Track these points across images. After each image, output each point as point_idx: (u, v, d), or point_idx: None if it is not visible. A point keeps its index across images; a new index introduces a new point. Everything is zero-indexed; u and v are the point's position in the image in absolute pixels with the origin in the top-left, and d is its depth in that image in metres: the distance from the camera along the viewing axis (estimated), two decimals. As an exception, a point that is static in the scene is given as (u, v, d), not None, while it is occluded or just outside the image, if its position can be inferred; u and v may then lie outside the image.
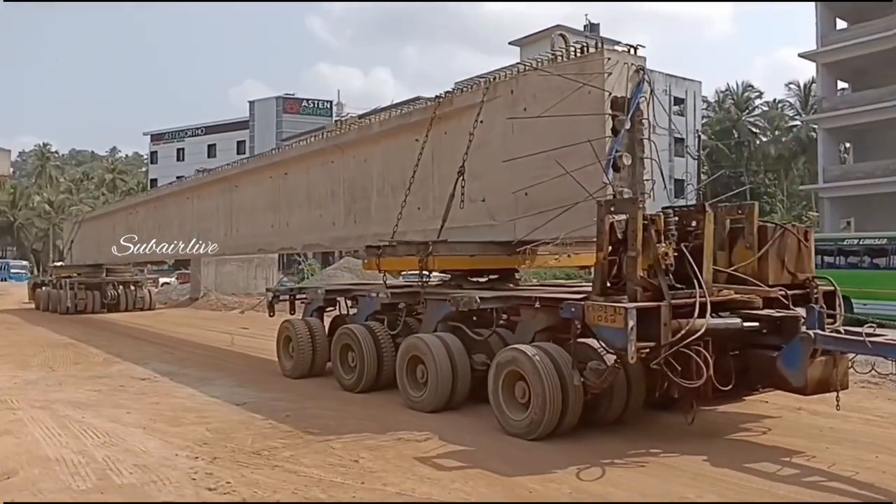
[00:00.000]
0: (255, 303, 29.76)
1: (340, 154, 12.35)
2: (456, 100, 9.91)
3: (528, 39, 54.20)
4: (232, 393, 10.03)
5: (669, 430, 7.53)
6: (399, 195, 10.88)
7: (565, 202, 8.04)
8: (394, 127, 11.08)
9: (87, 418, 8.48)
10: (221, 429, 7.84)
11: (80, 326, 21.63)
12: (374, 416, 8.32)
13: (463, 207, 9.24)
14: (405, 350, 8.78)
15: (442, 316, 8.92)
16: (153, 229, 20.63)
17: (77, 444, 7.27)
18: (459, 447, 7.03)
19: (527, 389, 7.20)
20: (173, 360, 13.84)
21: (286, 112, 75.88)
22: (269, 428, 7.87)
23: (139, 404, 9.38)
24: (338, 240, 12.65)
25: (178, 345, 16.78)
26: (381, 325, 9.81)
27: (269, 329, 19.86)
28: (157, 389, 10.56)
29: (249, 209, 15.37)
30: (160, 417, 8.49)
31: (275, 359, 13.68)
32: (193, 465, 6.48)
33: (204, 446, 7.11)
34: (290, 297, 12.51)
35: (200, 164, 52.22)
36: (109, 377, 11.75)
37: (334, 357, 10.13)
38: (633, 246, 6.71)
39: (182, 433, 7.67)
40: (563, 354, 7.18)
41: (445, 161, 10.07)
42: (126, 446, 7.17)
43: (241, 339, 17.01)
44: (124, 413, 8.79)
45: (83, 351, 15.47)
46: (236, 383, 10.96)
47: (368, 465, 6.42)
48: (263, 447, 7.02)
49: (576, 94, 8.06)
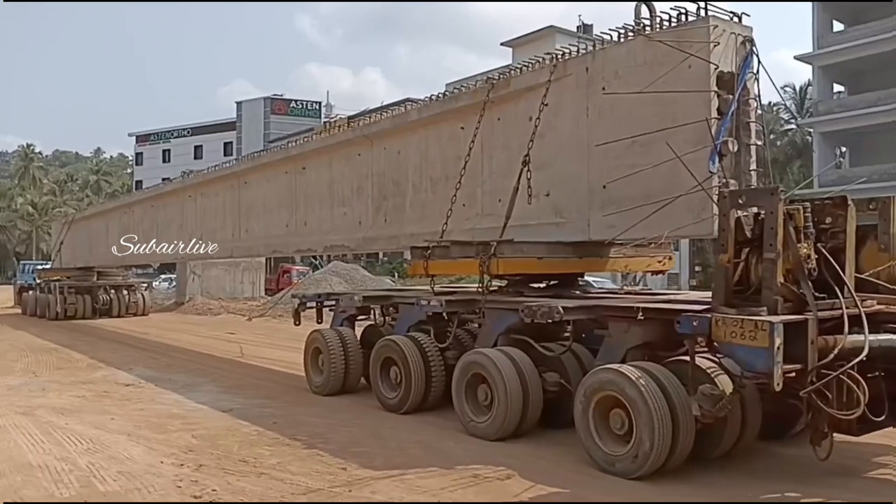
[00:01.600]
0: (253, 307, 28.54)
1: (369, 146, 10.97)
2: (514, 81, 8.58)
3: (520, 41, 52.75)
4: (218, 399, 9.67)
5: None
6: (441, 190, 9.59)
7: (654, 196, 6.77)
8: (436, 114, 9.71)
9: (71, 424, 8.18)
10: (207, 435, 7.53)
11: (64, 331, 20.72)
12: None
13: (531, 203, 7.89)
14: (464, 367, 7.43)
15: (504, 328, 7.61)
16: (150, 230, 19.04)
17: (60, 451, 7.01)
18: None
19: (626, 419, 5.89)
20: (158, 365, 13.35)
21: (274, 113, 73.94)
22: (255, 435, 7.56)
23: (123, 410, 9.04)
24: (366, 241, 11.23)
25: (164, 350, 16.17)
26: (428, 338, 8.46)
27: (257, 335, 19.69)
28: (141, 395, 10.18)
29: (261, 207, 13.90)
30: (145, 424, 8.17)
31: (264, 364, 13.38)
32: (178, 472, 6.24)
33: (189, 453, 6.84)
34: (317, 305, 11.07)
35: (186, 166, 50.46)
36: (93, 383, 11.32)
37: (374, 372, 8.76)
38: (772, 246, 5.41)
39: (167, 440, 7.40)
40: (670, 378, 5.87)
41: (498, 150, 8.78)
42: (110, 453, 6.91)
43: (227, 346, 16.44)
44: (108, 419, 8.47)
45: (67, 356, 14.87)
46: (222, 389, 10.56)
47: (356, 472, 6.11)
48: (250, 454, 6.76)
49: (672, 70, 6.77)
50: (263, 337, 18.82)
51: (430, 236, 9.13)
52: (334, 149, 11.85)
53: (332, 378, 9.53)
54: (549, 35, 49.27)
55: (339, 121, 23.77)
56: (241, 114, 76.42)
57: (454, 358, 8.19)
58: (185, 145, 79.63)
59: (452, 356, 8.24)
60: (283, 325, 22.34)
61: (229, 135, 76.29)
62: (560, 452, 6.62)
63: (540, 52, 10.55)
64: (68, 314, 25.07)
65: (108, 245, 22.14)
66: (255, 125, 74.04)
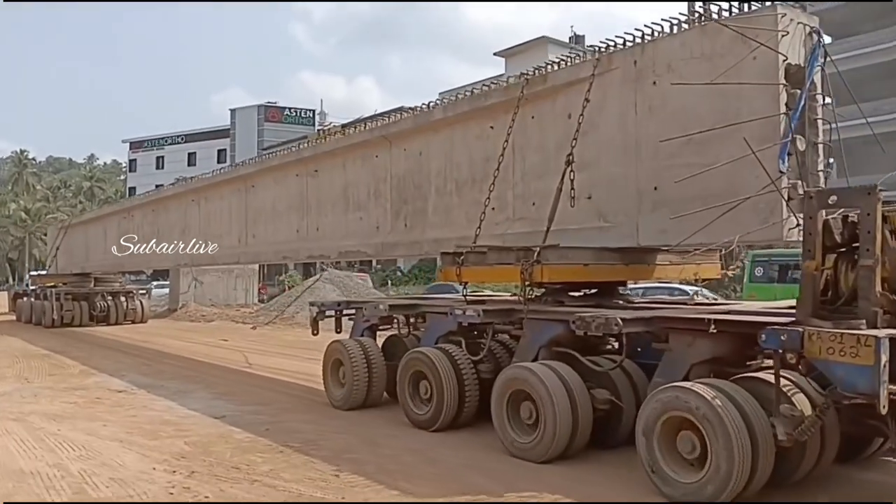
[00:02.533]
0: (246, 313, 27.79)
1: (387, 147, 10.26)
2: (551, 76, 7.89)
3: (512, 51, 52.25)
4: (210, 405, 9.49)
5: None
6: (467, 194, 8.93)
7: (713, 198, 6.09)
8: (463, 112, 8.99)
9: (63, 431, 8.05)
10: (200, 442, 7.38)
11: (56, 338, 20.22)
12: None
13: (573, 206, 7.18)
14: (506, 383, 6.72)
15: (546, 340, 6.91)
16: (151, 235, 18.13)
17: (52, 458, 6.89)
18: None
19: (697, 442, 5.22)
20: (151, 371, 13.09)
21: (268, 120, 72.88)
22: (248, 441, 7.41)
23: (116, 417, 8.88)
24: (385, 246, 10.46)
25: (156, 356, 15.78)
26: (460, 350, 7.77)
27: (250, 342, 19.13)
28: (134, 402, 9.98)
29: (270, 212, 13.11)
30: (137, 430, 8.03)
31: (259, 373, 13.06)
32: (171, 479, 6.12)
33: (182, 460, 6.71)
34: (336, 313, 10.29)
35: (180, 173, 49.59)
36: (86, 389, 11.14)
37: (402, 386, 8.04)
38: (870, 252, 4.76)
39: (159, 446, 7.24)
40: (746, 397, 5.20)
41: (532, 151, 8.11)
42: (102, 460, 6.78)
43: (220, 353, 16.20)
44: (101, 426, 8.33)
45: (59, 362, 14.55)
46: (215, 395, 10.37)
47: (349, 479, 6.00)
48: (242, 461, 6.62)
49: (735, 62, 6.12)
50: (256, 344, 18.48)
51: (457, 241, 8.46)
52: (349, 150, 11.12)
53: (354, 392, 8.81)
54: (541, 45, 48.89)
55: (333, 129, 23.06)
56: (234, 121, 75.39)
57: (488, 372, 7.57)
58: (179, 152, 78.50)
59: (486, 370, 7.60)
60: (277, 332, 22.10)
61: (223, 142, 75.24)
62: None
63: (532, 63, 10.05)
64: (65, 321, 23.92)
65: (107, 250, 21.18)
66: (248, 133, 73.04)
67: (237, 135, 74.08)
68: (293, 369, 12.96)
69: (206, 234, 15.33)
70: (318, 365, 13.62)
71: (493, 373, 7.54)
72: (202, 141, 77.56)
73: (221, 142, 75.46)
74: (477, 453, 6.77)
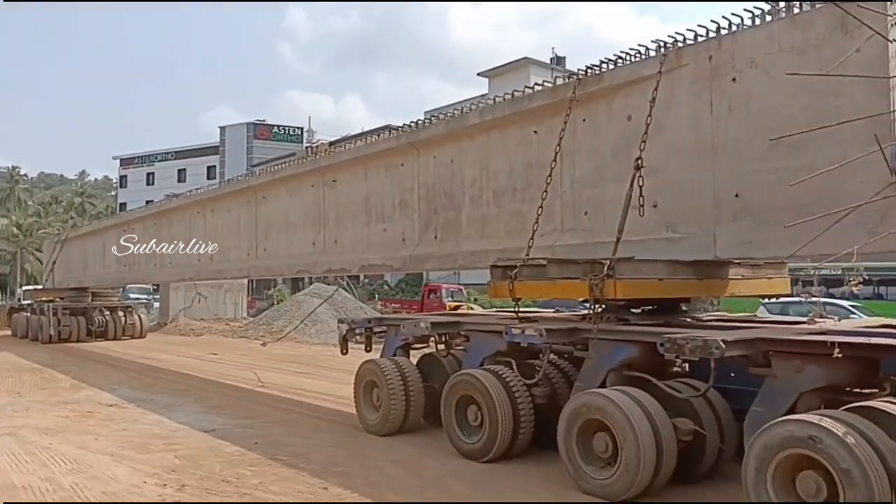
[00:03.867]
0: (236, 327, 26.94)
1: (414, 154, 9.34)
2: (607, 75, 7.01)
3: (496, 71, 51.65)
4: (200, 419, 9.36)
5: None
6: (507, 203, 8.08)
7: (808, 205, 5.30)
8: (504, 116, 8.10)
9: (55, 445, 7.90)
10: (190, 456, 7.26)
11: (48, 352, 19.76)
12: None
13: (643, 215, 6.26)
14: (576, 411, 5.80)
15: (617, 363, 6.04)
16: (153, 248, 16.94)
17: (44, 471, 6.77)
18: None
19: (823, 484, 4.35)
20: (141, 385, 12.90)
21: (257, 138, 71.72)
22: (237, 455, 7.28)
23: (107, 430, 8.74)
24: (414, 259, 9.44)
25: (147, 370, 15.50)
26: (512, 372, 6.84)
27: (239, 355, 18.43)
28: (124, 415, 9.82)
29: (283, 224, 12.07)
30: (128, 444, 7.91)
31: (247, 385, 12.75)
32: (161, 492, 6.03)
33: (172, 473, 6.60)
34: (366, 331, 9.30)
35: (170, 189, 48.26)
36: (77, 403, 10.93)
37: (447, 412, 7.14)
38: None
39: (150, 460, 7.14)
40: (877, 432, 4.35)
41: (584, 156, 7.26)
42: (94, 473, 6.68)
43: (210, 367, 15.93)
44: (92, 439, 8.19)
45: (50, 376, 14.28)
46: (205, 409, 10.21)
47: (337, 491, 5.97)
48: (232, 474, 6.53)
49: (832, 54, 5.31)
50: (246, 357, 18.12)
51: (497, 254, 7.61)
52: (372, 159, 10.15)
53: (391, 416, 7.88)
54: (524, 66, 48.51)
55: (321, 146, 22.08)
56: (224, 138, 74.28)
57: (543, 397, 6.73)
58: (169, 168, 77.13)
59: (541, 395, 6.74)
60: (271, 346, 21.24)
61: (213, 159, 74.05)
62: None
63: (515, 83, 9.35)
64: (62, 337, 22.53)
65: (105, 264, 20.03)
66: (238, 150, 71.92)
67: (226, 151, 72.97)
68: (282, 383, 12.92)
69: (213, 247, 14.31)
70: (306, 378, 13.48)
71: (548, 398, 6.74)
72: (192, 157, 76.30)
73: (211, 158, 74.26)
74: (463, 464, 6.70)
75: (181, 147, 78.88)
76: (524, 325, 6.67)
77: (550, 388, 6.79)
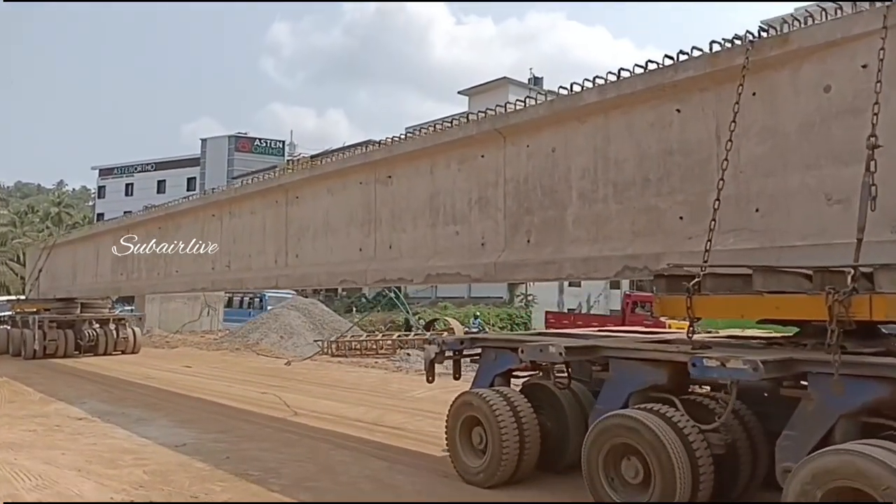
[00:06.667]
0: (211, 339, 26.18)
1: (500, 143, 7.77)
2: (795, 35, 5.47)
3: (475, 90, 51.47)
4: (171, 434, 9.08)
5: None
6: (634, 199, 6.38)
7: None
8: (634, 92, 6.41)
9: (20, 460, 7.58)
10: (159, 471, 7.05)
11: (17, 364, 18.89)
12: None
13: (874, 209, 4.69)
14: (825, 472, 4.12)
15: (857, 406, 4.55)
16: (157, 258, 14.78)
17: (8, 488, 6.50)
18: None
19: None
20: (112, 399, 12.42)
21: (238, 150, 70.68)
22: (207, 470, 7.08)
23: (75, 445, 8.42)
24: (500, 267, 7.66)
25: (117, 384, 14.81)
26: (683, 416, 5.26)
27: (213, 368, 17.90)
28: (93, 430, 9.44)
29: (321, 227, 10.25)
30: (96, 459, 7.63)
31: (223, 401, 12.13)
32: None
33: (140, 489, 6.41)
34: (455, 353, 7.68)
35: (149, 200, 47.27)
36: (45, 416, 10.49)
37: (592, 464, 5.50)
38: None
39: (118, 475, 6.92)
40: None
41: (752, 138, 5.70)
42: (59, 489, 6.46)
43: (183, 380, 15.30)
44: (59, 454, 7.90)
45: (18, 389, 13.65)
46: (176, 423, 9.92)
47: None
48: (201, 490, 6.36)
49: None
50: (220, 370, 17.50)
51: (623, 261, 6.31)
52: (439, 150, 8.47)
53: (502, 462, 6.25)
54: (503, 86, 48.34)
55: (303, 160, 21.20)
56: (205, 150, 73.14)
57: (722, 446, 5.18)
58: (149, 180, 75.67)
59: (719, 442, 5.18)
60: (240, 359, 21.00)
61: (193, 170, 72.81)
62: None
63: (495, 102, 8.20)
64: (48, 352, 19.91)
65: (99, 273, 17.90)
66: (219, 162, 70.85)
67: (207, 164, 71.80)
68: (255, 397, 12.62)
69: (231, 254, 12.39)
70: (280, 390, 12.74)
71: (727, 447, 5.23)
72: (172, 169, 74.98)
73: (191, 170, 73.05)
74: (433, 480, 6.63)
75: (161, 158, 77.58)
76: (723, 356, 4.83)
77: (732, 435, 5.36)
